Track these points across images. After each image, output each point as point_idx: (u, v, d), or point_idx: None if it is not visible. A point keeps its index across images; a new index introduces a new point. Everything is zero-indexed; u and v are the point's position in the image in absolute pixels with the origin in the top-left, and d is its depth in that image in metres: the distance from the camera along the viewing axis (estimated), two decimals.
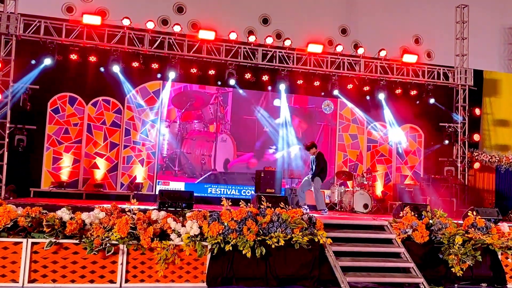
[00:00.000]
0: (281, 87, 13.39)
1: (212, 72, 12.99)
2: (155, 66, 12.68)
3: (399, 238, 7.94)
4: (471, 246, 7.81)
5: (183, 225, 7.14)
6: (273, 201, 8.00)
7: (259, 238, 7.16)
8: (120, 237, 6.74)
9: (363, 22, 14.64)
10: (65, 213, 6.90)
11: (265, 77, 13.31)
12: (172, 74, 12.67)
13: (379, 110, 14.43)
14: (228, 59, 12.95)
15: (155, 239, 6.87)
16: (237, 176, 13.77)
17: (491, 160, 14.41)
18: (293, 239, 7.27)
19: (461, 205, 13.27)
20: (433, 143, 14.71)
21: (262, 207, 7.60)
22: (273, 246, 7.13)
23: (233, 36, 12.84)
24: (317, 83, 13.69)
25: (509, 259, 8.13)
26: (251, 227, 7.11)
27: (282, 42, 13.46)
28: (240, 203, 7.56)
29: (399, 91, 14.12)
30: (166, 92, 13.38)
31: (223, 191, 13.50)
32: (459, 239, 7.77)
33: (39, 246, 6.62)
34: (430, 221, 8.24)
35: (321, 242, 7.39)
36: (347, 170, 13.93)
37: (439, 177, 13.95)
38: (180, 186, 13.27)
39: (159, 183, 13.16)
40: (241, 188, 13.67)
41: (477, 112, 14.80)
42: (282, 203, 7.87)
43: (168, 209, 8.13)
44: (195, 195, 9.55)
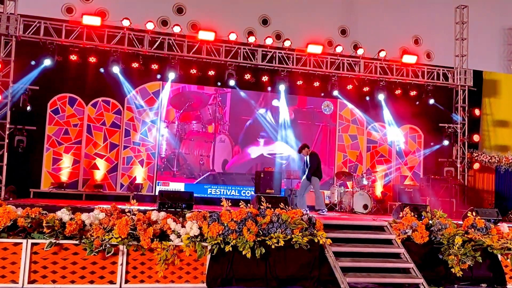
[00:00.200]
0: (281, 87, 13.40)
1: (211, 72, 13.01)
2: (154, 66, 12.69)
3: (399, 238, 7.94)
4: (470, 246, 7.82)
5: (183, 226, 7.14)
6: (273, 201, 8.00)
7: (259, 238, 7.16)
8: (120, 238, 6.73)
9: (362, 22, 14.65)
10: (65, 214, 6.89)
11: (265, 78, 13.33)
12: (171, 74, 12.68)
13: (379, 110, 14.45)
14: (227, 60, 12.96)
15: (155, 239, 6.87)
16: (235, 176, 13.79)
17: (490, 160, 14.41)
18: (293, 240, 7.27)
19: (461, 205, 13.28)
20: (433, 143, 14.72)
21: (262, 207, 7.60)
22: (273, 246, 7.13)
23: (232, 36, 12.85)
24: (316, 84, 13.70)
25: (508, 259, 8.12)
26: (251, 228, 7.12)
27: (281, 42, 13.47)
28: (240, 203, 7.57)
29: (398, 92, 14.13)
30: (165, 92, 13.40)
31: (223, 191, 13.50)
32: (458, 240, 7.77)
33: (39, 247, 6.62)
34: (430, 221, 8.24)
35: (321, 242, 7.39)
36: (347, 170, 13.94)
37: (439, 178, 13.95)
38: (180, 186, 13.27)
39: (159, 183, 13.17)
40: (241, 188, 13.68)
41: (476, 112, 14.82)
42: (282, 203, 7.87)
43: (168, 210, 8.14)
44: (195, 195, 9.56)
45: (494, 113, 15.32)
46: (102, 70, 12.60)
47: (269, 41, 13.18)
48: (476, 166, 14.46)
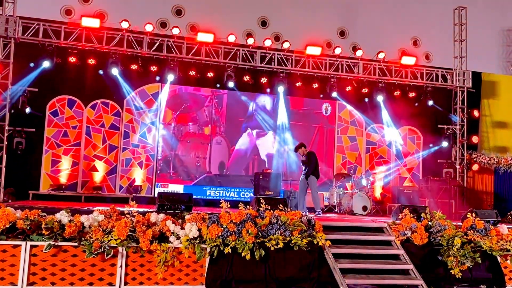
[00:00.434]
0: (280, 89, 13.40)
1: (210, 74, 13.02)
2: (153, 68, 12.70)
3: (398, 240, 7.94)
4: (470, 248, 7.82)
5: (182, 228, 7.14)
6: (272, 203, 8.00)
7: (258, 240, 7.15)
8: (119, 240, 6.73)
9: (361, 24, 14.67)
10: (64, 216, 6.88)
11: (264, 79, 13.34)
12: (170, 76, 12.69)
13: (378, 112, 14.45)
14: (226, 62, 12.96)
15: (154, 241, 6.87)
16: (232, 178, 13.76)
17: (489, 162, 14.43)
18: (292, 241, 7.27)
19: (460, 207, 13.28)
20: (432, 145, 14.72)
21: (261, 209, 7.60)
22: (272, 248, 7.13)
23: (231, 38, 12.86)
24: (315, 85, 13.71)
25: (508, 261, 8.12)
26: (250, 230, 7.11)
27: (280, 44, 13.48)
28: (239, 205, 7.57)
29: (397, 93, 14.15)
30: (164, 94, 13.39)
31: (222, 193, 13.49)
32: (458, 241, 7.77)
33: (38, 249, 6.61)
34: (429, 223, 8.24)
35: (320, 244, 7.39)
36: (346, 172, 13.94)
37: (438, 179, 13.95)
38: (179, 188, 13.26)
39: (158, 185, 13.16)
40: (240, 190, 13.66)
41: (475, 114, 14.84)
42: (281, 205, 7.87)
43: (167, 212, 8.13)
44: (194, 197, 9.54)
45: (493, 115, 15.33)
46: (101, 72, 12.61)
47: (268, 43, 13.19)
48: (475, 167, 14.47)
